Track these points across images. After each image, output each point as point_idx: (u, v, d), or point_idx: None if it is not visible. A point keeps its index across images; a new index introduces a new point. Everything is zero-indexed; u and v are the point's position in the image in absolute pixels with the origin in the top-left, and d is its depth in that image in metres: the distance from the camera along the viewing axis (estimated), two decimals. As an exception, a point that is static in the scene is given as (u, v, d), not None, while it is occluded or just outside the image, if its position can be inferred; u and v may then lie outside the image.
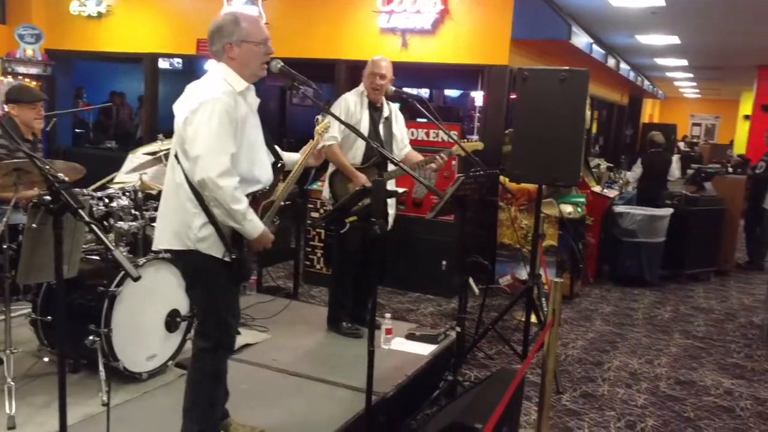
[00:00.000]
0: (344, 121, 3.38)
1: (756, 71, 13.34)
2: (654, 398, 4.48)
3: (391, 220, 4.55)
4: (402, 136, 4.61)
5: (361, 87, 4.46)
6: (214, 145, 2.59)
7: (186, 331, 3.75)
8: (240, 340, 3.97)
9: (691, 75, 16.74)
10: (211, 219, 2.66)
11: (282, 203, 3.03)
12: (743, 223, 8.92)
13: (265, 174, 2.86)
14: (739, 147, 16.40)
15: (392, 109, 4.56)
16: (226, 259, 2.70)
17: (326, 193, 4.51)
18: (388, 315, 4.46)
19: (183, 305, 3.69)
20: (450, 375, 4.12)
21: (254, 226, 2.68)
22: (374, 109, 4.41)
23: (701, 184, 8.18)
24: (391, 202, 4.51)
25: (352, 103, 4.39)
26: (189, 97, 2.71)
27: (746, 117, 16.61)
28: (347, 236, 4.37)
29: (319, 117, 3.57)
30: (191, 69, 11.21)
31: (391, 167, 4.32)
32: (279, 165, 2.96)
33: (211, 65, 2.89)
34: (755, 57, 11.94)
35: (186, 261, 2.79)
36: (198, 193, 2.64)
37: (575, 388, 4.55)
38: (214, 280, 2.73)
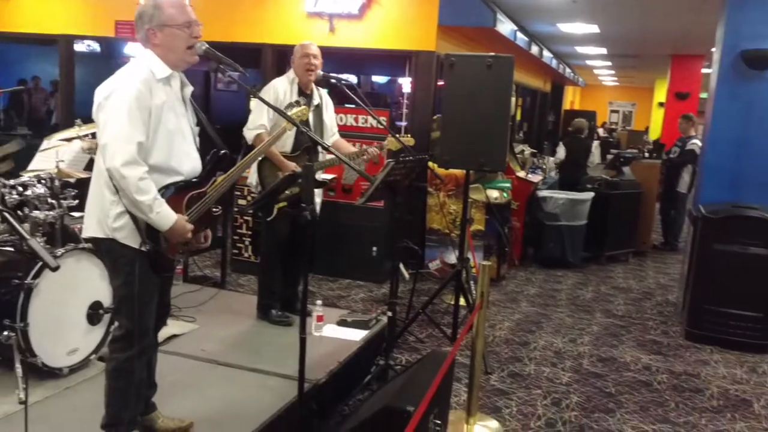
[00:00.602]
0: (277, 108, 3.31)
1: (669, 60, 13.93)
2: (577, 375, 4.64)
3: (318, 208, 4.51)
4: (331, 124, 4.57)
5: (291, 74, 4.38)
6: (120, 134, 2.51)
7: (109, 323, 3.62)
8: (166, 331, 3.88)
9: (609, 63, 17.33)
10: (128, 208, 2.58)
11: (221, 194, 2.88)
12: (659, 205, 9.33)
13: (187, 165, 2.75)
14: (654, 133, 17.14)
15: (322, 96, 4.51)
16: (143, 249, 2.62)
17: (253, 179, 4.41)
18: (319, 302, 4.44)
19: (106, 297, 3.56)
20: (382, 360, 4.15)
21: (163, 217, 2.59)
22: (304, 96, 4.35)
23: (620, 168, 8.49)
24: (319, 191, 4.48)
25: (281, 91, 4.30)
26: (105, 83, 2.61)
27: (660, 104, 17.36)
28: (276, 223, 4.32)
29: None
30: (110, 52, 10.78)
31: (323, 156, 4.29)
32: (221, 154, 2.84)
33: (135, 49, 2.78)
34: (669, 46, 12.46)
35: (104, 249, 2.72)
36: None
37: (503, 369, 4.66)
38: (132, 270, 2.65)
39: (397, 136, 4.28)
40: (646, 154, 10.55)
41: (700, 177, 6.07)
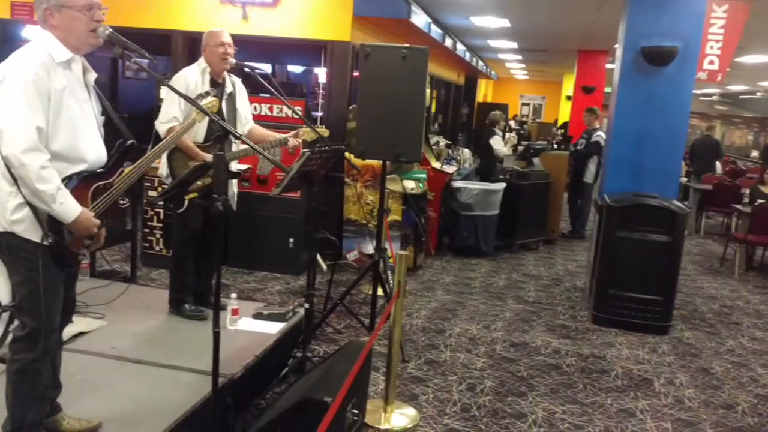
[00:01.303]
0: (188, 97, 3.20)
1: (576, 55, 14.44)
2: (491, 361, 4.76)
3: (234, 200, 4.43)
4: (245, 112, 4.47)
5: (203, 62, 4.24)
6: (18, 118, 2.37)
7: (8, 322, 3.43)
8: (72, 329, 3.72)
9: (520, 57, 17.78)
10: (28, 199, 2.44)
11: (129, 185, 2.76)
12: (567, 195, 9.69)
13: (92, 154, 2.62)
14: (563, 122, 17.73)
15: (235, 84, 4.40)
16: (45, 242, 2.49)
17: (164, 170, 4.26)
18: (233, 295, 4.36)
19: (4, 294, 3.36)
20: (299, 352, 4.12)
21: (67, 209, 2.46)
22: (216, 86, 4.23)
23: (530, 159, 8.75)
24: (233, 182, 4.38)
25: (192, 81, 4.16)
26: (1, 66, 2.46)
27: (568, 97, 18.01)
28: (187, 215, 4.20)
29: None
30: (5, 35, 10.16)
31: (236, 147, 4.19)
32: (128, 144, 2.72)
33: (33, 32, 2.62)
34: (576, 42, 12.91)
35: (2, 244, 2.54)
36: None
37: (420, 356, 4.73)
38: (34, 265, 2.51)
39: (313, 126, 4.23)
40: (555, 146, 10.91)
41: (605, 168, 6.34)
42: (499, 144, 9.29)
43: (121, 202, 2.73)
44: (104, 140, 2.73)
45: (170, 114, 4.08)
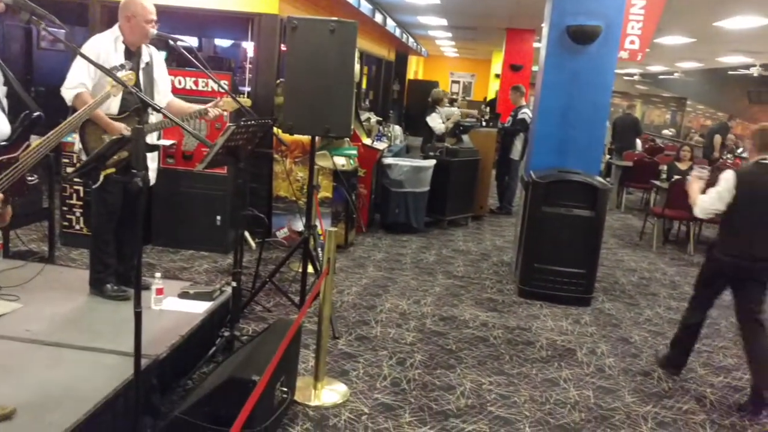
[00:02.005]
0: (103, 67, 3.05)
1: (505, 33, 14.61)
2: (421, 335, 4.82)
3: (153, 174, 4.27)
4: (164, 84, 4.29)
5: (116, 31, 4.02)
6: None
7: None
8: (-17, 313, 3.53)
9: (450, 34, 17.87)
10: None
11: (37, 160, 2.60)
12: (495, 172, 9.85)
13: None
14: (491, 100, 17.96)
15: (152, 54, 4.21)
16: None
17: (78, 145, 4.06)
18: (158, 274, 4.23)
19: None
20: (227, 331, 4.05)
21: None
22: (131, 56, 4.03)
23: (460, 137, 8.84)
24: (153, 155, 4.23)
25: (103, 50, 3.92)
26: None
27: (497, 75, 18.25)
28: (105, 191, 4.02)
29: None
30: None
31: (154, 117, 4.03)
32: (34, 117, 2.56)
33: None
34: (504, 19, 13.06)
35: None
36: None
37: (351, 332, 4.73)
38: None
39: (234, 96, 4.11)
40: (484, 123, 11.06)
41: (531, 144, 6.45)
42: (435, 122, 9.32)
43: (29, 178, 2.57)
44: (8, 113, 2.57)
45: (77, 79, 3.84)
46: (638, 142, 13.18)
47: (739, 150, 13.46)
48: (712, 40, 13.23)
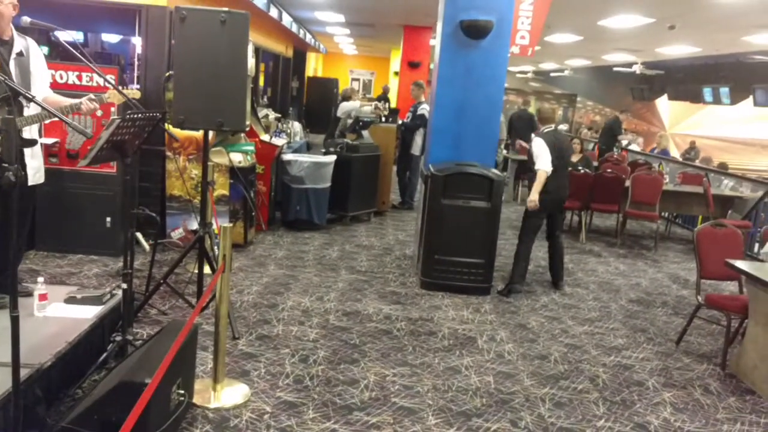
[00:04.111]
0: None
1: (402, 30, 14.77)
2: (324, 331, 4.77)
3: (38, 174, 4.01)
4: (41, 79, 4.01)
5: None
6: None
7: None
8: None
9: (348, 31, 17.89)
10: None
11: None
12: (396, 167, 9.93)
13: None
14: (391, 99, 18.13)
15: (29, 47, 3.94)
16: None
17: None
18: (40, 279, 3.96)
19: None
20: (119, 335, 3.85)
21: None
22: (2, 44, 3.75)
23: (360, 132, 8.82)
24: (35, 151, 3.96)
25: None
26: None
27: (396, 73, 18.43)
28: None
29: None
30: None
31: (29, 110, 3.77)
32: None
33: None
34: (401, 17, 13.20)
35: None
36: None
37: (251, 332, 4.62)
38: None
39: (119, 88, 3.91)
40: (383, 119, 11.11)
41: (429, 138, 6.54)
42: (344, 108, 9.28)
43: None
44: None
45: None
46: (533, 136, 13.61)
47: (625, 142, 14.22)
48: (597, 38, 13.91)
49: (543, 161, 5.85)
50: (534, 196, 5.86)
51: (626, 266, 7.56)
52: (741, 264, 4.63)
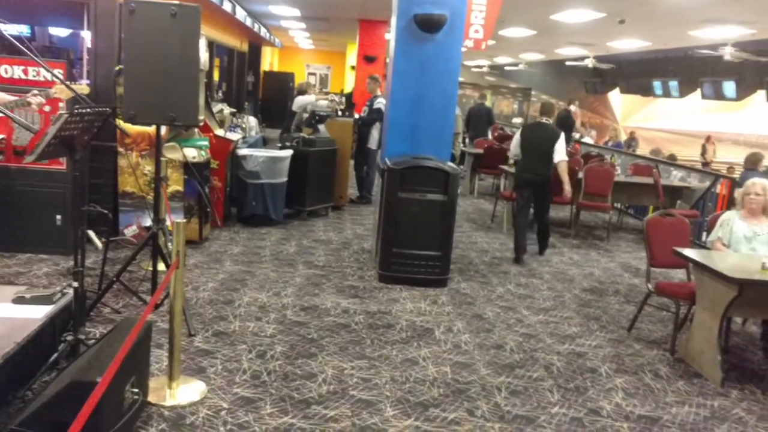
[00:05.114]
0: None
1: (358, 25, 14.75)
2: (282, 326, 4.75)
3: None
4: None
5: None
6: None
7: None
8: None
9: (303, 25, 17.77)
10: None
11: None
12: (353, 162, 9.93)
13: None
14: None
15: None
16: None
17: None
18: (-14, 279, 3.87)
19: None
20: (70, 335, 3.78)
21: None
22: None
23: (316, 126, 8.79)
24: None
25: None
26: None
27: (352, 67, 18.41)
28: None
29: None
30: None
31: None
32: None
33: None
34: (356, 11, 13.18)
35: None
36: None
37: (207, 329, 4.57)
38: None
39: (67, 83, 3.83)
40: (340, 113, 11.09)
41: (385, 132, 6.55)
42: (299, 102, 9.24)
43: None
44: None
45: None
46: (489, 130, 13.79)
47: (577, 135, 14.47)
48: (550, 33, 14.12)
49: (511, 147, 7.44)
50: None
51: (580, 256, 7.72)
52: (688, 252, 4.77)
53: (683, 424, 3.79)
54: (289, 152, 7.88)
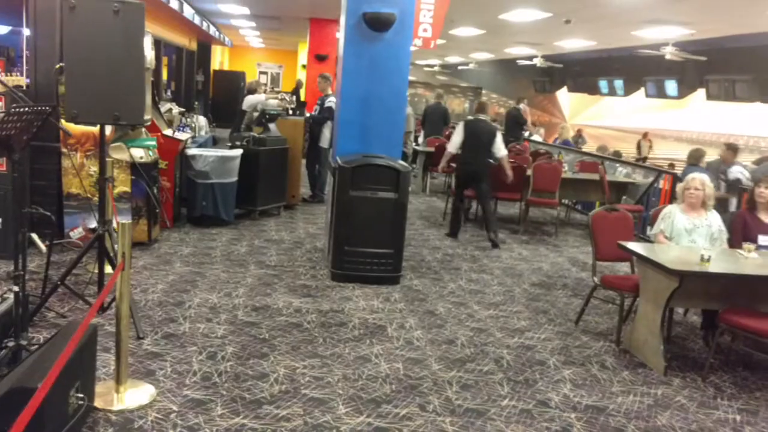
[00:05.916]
0: None
1: (308, 23, 14.68)
2: (233, 327, 4.71)
3: None
4: None
5: None
6: None
7: None
8: None
9: (254, 24, 17.60)
10: None
11: None
12: (305, 161, 9.89)
13: None
14: (302, 92, 18.03)
15: None
16: None
17: None
18: None
19: None
20: (11, 341, 3.67)
21: None
22: None
23: (266, 125, 8.72)
24: None
25: None
26: None
27: (303, 66, 18.32)
28: None
29: None
30: None
31: None
32: None
33: None
34: (306, 10, 13.12)
35: None
36: None
37: (157, 331, 4.50)
38: None
39: (7, 75, 3.72)
40: (290, 112, 11.03)
41: (336, 131, 6.55)
42: (249, 102, 9.17)
43: None
44: None
45: None
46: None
47: (527, 133, 14.71)
48: (499, 32, 14.31)
49: (451, 142, 7.99)
50: (443, 163, 8.39)
51: (529, 252, 7.86)
52: (631, 245, 4.91)
53: (628, 413, 3.90)
54: (239, 151, 7.80)
